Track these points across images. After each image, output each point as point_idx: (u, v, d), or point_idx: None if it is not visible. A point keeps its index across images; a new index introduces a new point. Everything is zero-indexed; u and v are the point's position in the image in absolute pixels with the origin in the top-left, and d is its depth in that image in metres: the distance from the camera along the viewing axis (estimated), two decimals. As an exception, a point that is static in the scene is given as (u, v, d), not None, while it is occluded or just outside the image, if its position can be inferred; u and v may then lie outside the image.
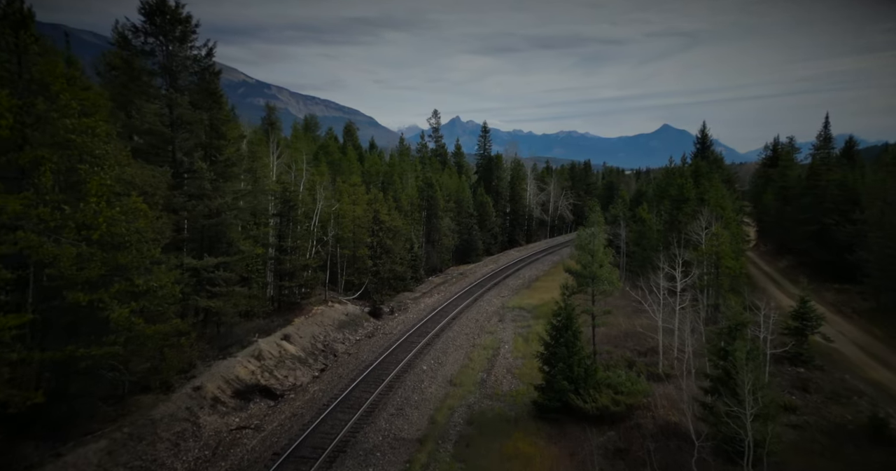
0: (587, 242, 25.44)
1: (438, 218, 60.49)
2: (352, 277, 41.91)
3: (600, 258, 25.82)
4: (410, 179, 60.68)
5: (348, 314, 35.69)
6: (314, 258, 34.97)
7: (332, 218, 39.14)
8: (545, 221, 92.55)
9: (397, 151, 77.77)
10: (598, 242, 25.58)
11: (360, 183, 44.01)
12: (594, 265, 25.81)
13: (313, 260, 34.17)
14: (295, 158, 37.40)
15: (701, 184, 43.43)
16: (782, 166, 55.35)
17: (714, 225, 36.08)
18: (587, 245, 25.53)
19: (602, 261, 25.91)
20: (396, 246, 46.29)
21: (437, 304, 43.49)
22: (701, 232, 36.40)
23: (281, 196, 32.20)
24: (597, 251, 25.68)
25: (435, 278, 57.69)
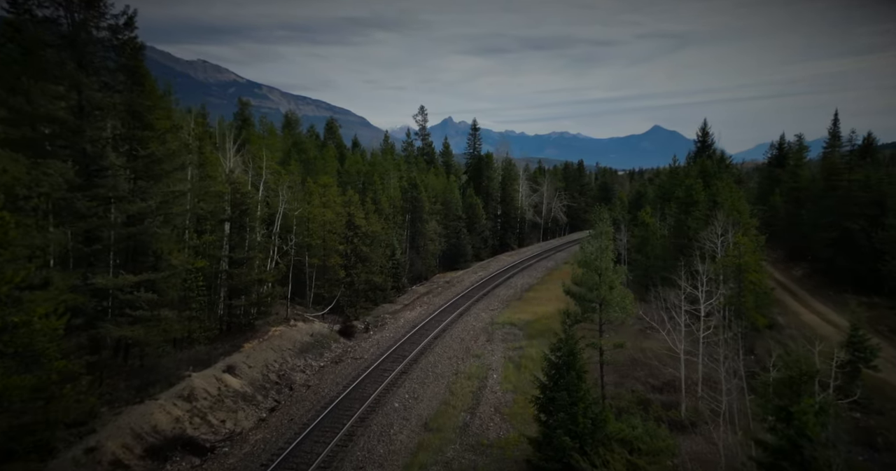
0: (594, 259, 20.78)
1: (423, 221, 55.87)
2: (322, 289, 37.11)
3: (610, 279, 21.12)
4: (393, 180, 55.97)
5: (314, 335, 30.92)
6: (273, 271, 30.15)
7: (295, 223, 34.37)
8: (538, 223, 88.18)
9: (382, 149, 73.05)
10: (607, 258, 20.90)
11: (333, 183, 39.21)
12: (603, 287, 21.11)
13: (270, 274, 29.33)
14: (254, 155, 32.60)
15: (712, 185, 39.09)
16: (792, 166, 51.31)
17: (731, 232, 31.72)
18: (593, 262, 20.87)
19: (612, 282, 21.22)
20: (374, 253, 41.58)
21: (419, 319, 38.81)
22: (716, 240, 32.00)
23: (231, 199, 27.31)
24: (606, 270, 21.00)
25: (419, 288, 53.00)
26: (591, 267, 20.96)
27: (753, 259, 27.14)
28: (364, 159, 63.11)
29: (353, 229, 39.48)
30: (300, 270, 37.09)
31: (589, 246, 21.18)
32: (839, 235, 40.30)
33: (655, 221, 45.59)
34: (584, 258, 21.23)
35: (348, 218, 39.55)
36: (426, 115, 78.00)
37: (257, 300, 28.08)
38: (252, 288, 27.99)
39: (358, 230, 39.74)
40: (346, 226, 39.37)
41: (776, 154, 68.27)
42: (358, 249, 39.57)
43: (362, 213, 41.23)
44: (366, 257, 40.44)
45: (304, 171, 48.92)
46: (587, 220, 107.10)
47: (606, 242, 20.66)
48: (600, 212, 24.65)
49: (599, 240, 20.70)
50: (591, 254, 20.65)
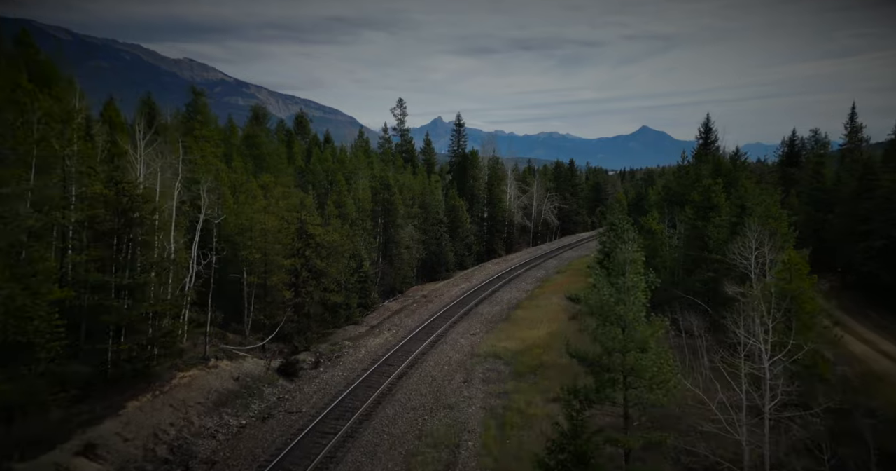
0: (613, 303, 13.57)
1: (398, 227, 49.08)
2: (263, 314, 30.13)
3: (643, 337, 13.65)
4: (363, 180, 49.10)
5: (240, 378, 23.99)
6: (179, 296, 23.05)
7: (216, 234, 27.46)
8: (527, 227, 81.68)
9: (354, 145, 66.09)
10: (634, 301, 13.61)
11: (289, 184, 32.29)
12: (630, 350, 13.65)
13: (170, 303, 22.14)
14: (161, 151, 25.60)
15: (737, 186, 32.75)
16: (814, 165, 45.34)
17: (767, 245, 25.30)
18: (612, 309, 13.66)
19: (645, 341, 13.74)
20: (333, 267, 34.70)
21: (385, 347, 32.03)
22: (749, 256, 25.54)
23: (115, 204, 20.19)
24: (633, 321, 13.57)
25: (392, 304, 46.17)
26: (607, 317, 13.86)
27: (808, 284, 20.72)
28: (333, 157, 56.16)
29: (304, 240, 32.57)
30: (236, 291, 30.15)
31: (605, 281, 14.15)
32: (883, 245, 34.17)
33: (664, 227, 39.20)
34: (598, 303, 14.21)
35: (300, 225, 32.65)
36: (405, 108, 71.19)
37: (156, 338, 21.04)
38: (146, 323, 20.92)
39: (311, 240, 32.84)
40: (296, 235, 32.47)
41: (787, 152, 62.34)
42: (311, 264, 32.66)
43: (319, 218, 34.32)
44: (321, 273, 33.54)
45: (256, 169, 41.95)
46: (579, 222, 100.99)
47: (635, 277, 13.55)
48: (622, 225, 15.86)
49: (622, 270, 13.88)
50: (607, 295, 13.60)
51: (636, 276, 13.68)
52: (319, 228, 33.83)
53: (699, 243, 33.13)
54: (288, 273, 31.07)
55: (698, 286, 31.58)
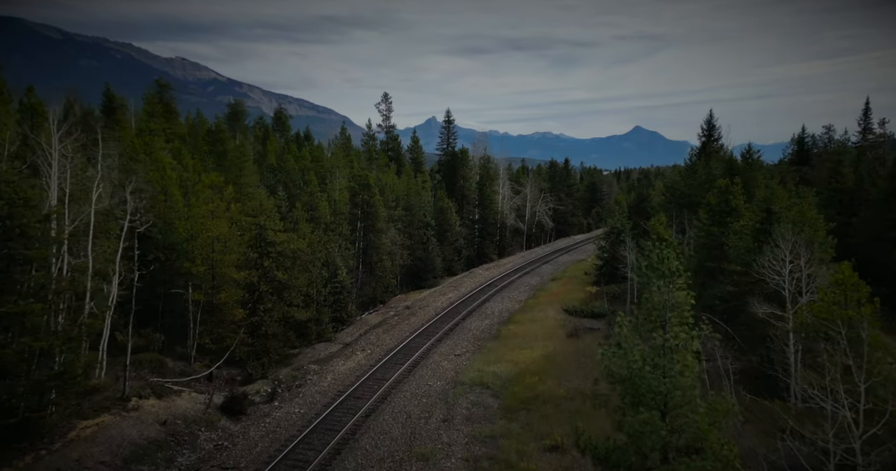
0: (650, 376, 8.23)
1: (378, 231, 44.78)
2: (210, 337, 25.71)
3: (697, 429, 8.61)
4: (341, 180, 44.74)
5: (169, 422, 19.62)
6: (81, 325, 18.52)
7: (137, 242, 23.02)
8: (521, 229, 77.56)
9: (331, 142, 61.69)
10: (685, 373, 8.16)
11: (224, 183, 27.78)
12: (675, 449, 8.58)
13: (59, 338, 17.39)
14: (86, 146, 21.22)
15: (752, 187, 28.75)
16: (833, 163, 41.44)
17: (803, 258, 21.24)
18: (647, 386, 8.32)
19: (702, 432, 8.16)
20: (298, 279, 30.36)
21: (355, 373, 27.76)
22: (782, 270, 21.45)
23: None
24: (681, 404, 7.98)
25: (371, 316, 41.86)
26: (639, 397, 9.06)
27: (869, 311, 16.60)
28: (311, 155, 51.74)
29: (263, 248, 28.21)
30: (177, 309, 25.79)
31: (630, 338, 9.40)
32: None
33: (672, 233, 35.16)
34: (624, 372, 9.31)
35: (258, 232, 28.29)
36: (390, 103, 66.80)
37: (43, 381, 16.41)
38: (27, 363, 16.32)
39: (272, 249, 28.49)
40: (253, 243, 28.13)
41: (797, 150, 58.50)
42: (271, 276, 28.31)
43: (281, 223, 29.97)
44: (284, 286, 29.19)
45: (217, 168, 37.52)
46: (575, 224, 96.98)
47: (681, 333, 8.70)
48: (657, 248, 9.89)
49: (659, 320, 9.27)
50: (638, 362, 8.66)
51: (683, 330, 9.14)
52: (282, 234, 29.48)
53: (715, 252, 29.08)
54: (242, 288, 26.70)
55: (716, 303, 27.51)
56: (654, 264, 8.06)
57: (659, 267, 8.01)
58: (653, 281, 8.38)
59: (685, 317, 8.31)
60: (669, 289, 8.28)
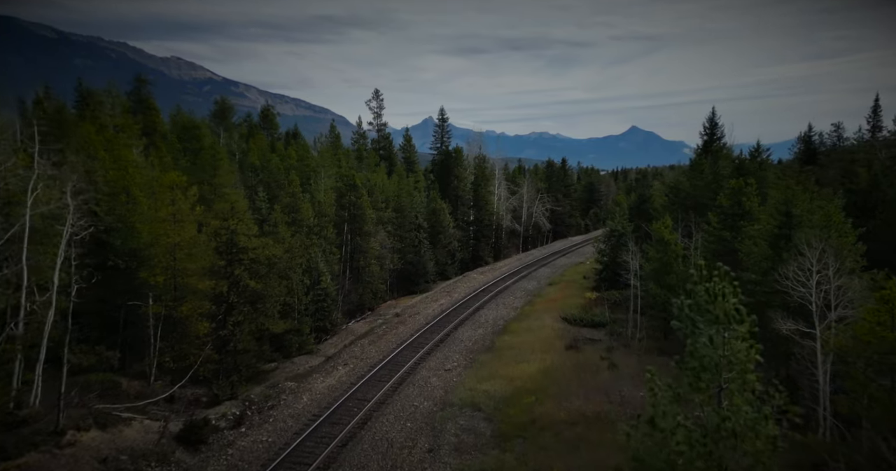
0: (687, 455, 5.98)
1: (365, 234, 42.33)
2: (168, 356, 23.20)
3: None
4: (326, 180, 42.29)
5: (111, 459, 17.08)
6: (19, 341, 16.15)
7: (72, 251, 20.43)
8: (517, 231, 75.20)
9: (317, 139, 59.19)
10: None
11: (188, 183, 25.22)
12: None
13: None
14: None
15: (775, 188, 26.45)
16: (845, 162, 39.21)
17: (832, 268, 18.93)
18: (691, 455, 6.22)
19: None
20: (274, 288, 27.89)
21: (335, 392, 25.33)
22: (810, 282, 19.12)
23: None
24: None
25: (357, 325, 39.41)
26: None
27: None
28: (296, 154, 49.26)
29: (234, 255, 25.72)
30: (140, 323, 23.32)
31: (668, 410, 6.63)
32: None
33: (677, 237, 32.83)
34: (664, 462, 6.54)
35: (228, 236, 25.80)
36: (382, 101, 64.36)
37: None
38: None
39: (244, 255, 26.00)
40: (223, 250, 25.65)
41: (803, 149, 56.31)
42: (242, 285, 25.83)
43: (255, 227, 27.47)
44: (257, 296, 26.72)
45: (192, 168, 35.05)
46: (572, 225, 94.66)
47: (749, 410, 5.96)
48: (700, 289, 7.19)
49: (712, 382, 6.46)
50: (681, 442, 6.08)
51: (748, 401, 6.28)
52: (256, 239, 27.00)
53: (727, 259, 26.71)
54: (208, 299, 24.22)
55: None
56: (701, 304, 5.66)
57: (709, 308, 5.62)
58: (701, 328, 5.93)
59: (750, 382, 5.86)
60: (725, 340, 5.81)
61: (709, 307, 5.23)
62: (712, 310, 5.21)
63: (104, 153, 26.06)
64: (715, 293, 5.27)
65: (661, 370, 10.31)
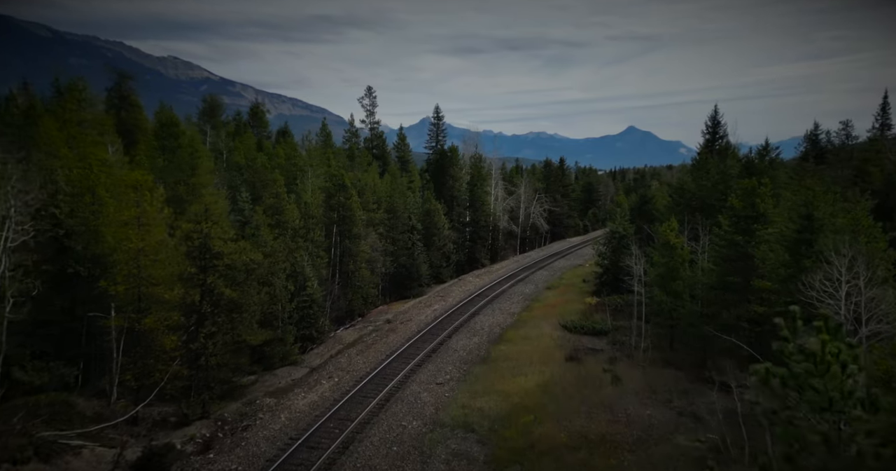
0: None
1: (355, 237, 40.35)
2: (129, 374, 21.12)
3: None
4: (313, 179, 40.31)
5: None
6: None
7: (8, 260, 18.45)
8: (514, 232, 73.31)
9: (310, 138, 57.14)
10: None
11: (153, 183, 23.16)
12: None
13: None
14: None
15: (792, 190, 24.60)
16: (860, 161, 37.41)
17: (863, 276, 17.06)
18: None
19: None
20: (252, 296, 25.90)
21: (317, 410, 23.34)
22: (838, 293, 17.22)
23: None
24: None
25: (346, 332, 37.44)
26: None
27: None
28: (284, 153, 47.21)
29: (205, 261, 23.73)
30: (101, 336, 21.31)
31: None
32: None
33: (683, 240, 30.96)
34: None
35: (201, 241, 23.81)
36: (374, 98, 62.42)
37: None
38: None
39: (218, 261, 24.01)
40: (195, 256, 23.66)
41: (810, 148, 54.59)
42: (216, 294, 23.84)
43: (231, 231, 25.45)
44: (233, 305, 24.73)
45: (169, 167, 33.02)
46: (571, 226, 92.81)
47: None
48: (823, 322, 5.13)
49: None
50: None
51: None
52: (233, 243, 25.01)
53: (739, 265, 24.90)
54: (177, 310, 22.21)
55: (742, 325, 23.32)
56: (801, 376, 3.58)
57: (817, 385, 3.50)
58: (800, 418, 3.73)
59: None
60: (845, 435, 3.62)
61: (816, 383, 3.33)
62: (821, 387, 3.32)
63: (67, 150, 24.02)
64: (826, 359, 3.33)
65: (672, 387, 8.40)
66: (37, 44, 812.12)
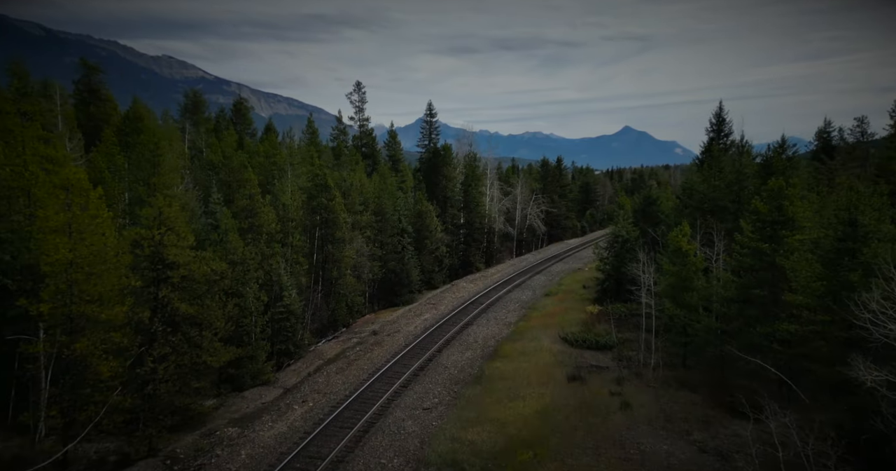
0: None
1: (338, 241, 37.32)
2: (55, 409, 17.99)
3: None
4: (291, 178, 37.24)
5: None
6: None
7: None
8: (510, 234, 70.41)
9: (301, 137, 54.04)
10: None
11: (87, 183, 20.06)
12: None
13: None
14: None
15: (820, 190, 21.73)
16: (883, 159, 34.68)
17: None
18: None
19: None
20: (213, 311, 22.83)
21: (284, 444, 20.33)
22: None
23: None
24: None
25: (328, 346, 34.43)
26: None
27: None
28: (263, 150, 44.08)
29: (158, 272, 20.69)
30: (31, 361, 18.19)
31: None
32: None
33: (696, 247, 28.09)
34: None
35: (153, 250, 20.76)
36: (364, 94, 59.32)
37: None
38: None
39: (173, 273, 20.96)
40: (144, 266, 20.62)
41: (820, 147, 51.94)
42: (170, 310, 20.80)
43: (190, 237, 22.38)
44: (192, 322, 21.69)
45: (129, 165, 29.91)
46: (568, 228, 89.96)
47: None
48: None
49: None
50: None
51: None
52: (191, 251, 21.97)
53: (766, 276, 22.00)
54: (122, 329, 19.13)
55: (773, 346, 20.44)
56: None
57: None
58: None
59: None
60: None
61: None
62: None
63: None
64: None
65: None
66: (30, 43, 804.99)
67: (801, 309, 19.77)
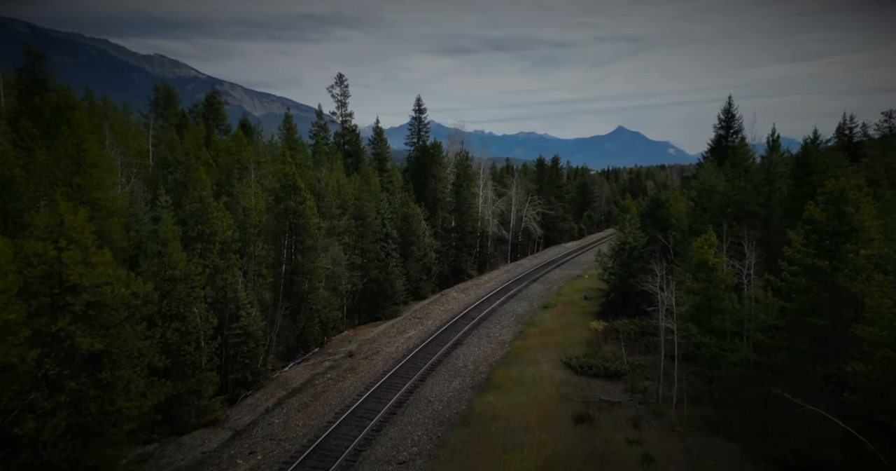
0: None
1: (310, 250, 32.76)
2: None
3: None
4: (254, 180, 32.63)
5: None
6: None
7: None
8: (505, 237, 66.01)
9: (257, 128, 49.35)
10: None
11: None
12: None
13: None
14: None
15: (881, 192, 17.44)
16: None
17: None
18: None
19: None
20: (132, 344, 18.24)
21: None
22: None
23: None
24: None
25: (295, 372, 29.83)
26: None
27: None
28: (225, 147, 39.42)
29: (54, 298, 16.11)
30: None
31: None
32: None
33: (724, 259, 23.73)
34: None
35: (47, 269, 16.17)
36: (346, 87, 54.63)
37: None
38: None
39: (74, 298, 16.38)
40: (34, 290, 16.04)
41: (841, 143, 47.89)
42: (74, 345, 16.21)
43: (104, 253, 17.77)
44: (100, 359, 17.11)
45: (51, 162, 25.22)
46: (565, 230, 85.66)
47: None
48: None
49: None
50: None
51: None
52: (104, 270, 17.36)
53: (824, 298, 17.67)
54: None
55: (846, 398, 15.99)
56: None
57: None
58: None
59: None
60: None
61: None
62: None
63: None
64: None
65: None
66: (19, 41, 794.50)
67: (872, 345, 15.45)
